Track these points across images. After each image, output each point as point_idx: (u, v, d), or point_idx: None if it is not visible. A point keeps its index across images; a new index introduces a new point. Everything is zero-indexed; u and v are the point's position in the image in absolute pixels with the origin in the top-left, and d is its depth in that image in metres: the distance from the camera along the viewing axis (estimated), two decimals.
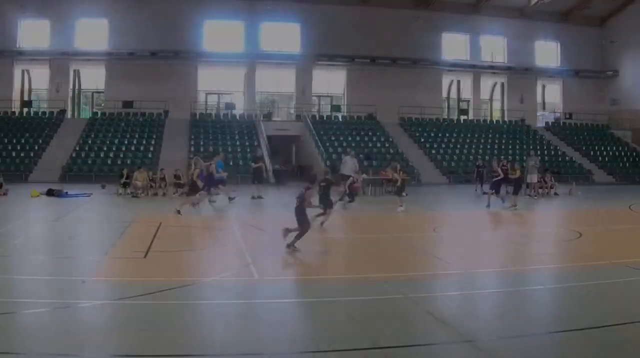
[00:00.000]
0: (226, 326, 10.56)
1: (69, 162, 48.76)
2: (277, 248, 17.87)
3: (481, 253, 18.92)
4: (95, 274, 14.29)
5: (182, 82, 61.30)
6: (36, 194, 34.09)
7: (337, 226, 24.70)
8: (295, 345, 9.61)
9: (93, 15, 61.24)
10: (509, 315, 11.48)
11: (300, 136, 58.32)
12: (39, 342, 9.55)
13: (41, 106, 63.20)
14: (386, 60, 64.18)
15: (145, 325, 10.37)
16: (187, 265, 16.03)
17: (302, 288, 13.70)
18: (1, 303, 11.37)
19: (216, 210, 29.14)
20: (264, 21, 63.54)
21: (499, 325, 10.68)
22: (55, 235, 21.33)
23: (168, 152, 51.07)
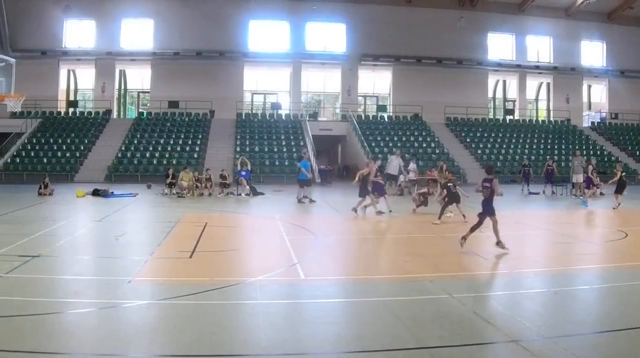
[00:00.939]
0: (271, 326, 10.53)
1: (114, 162, 49.27)
2: (322, 247, 17.90)
3: (526, 253, 18.77)
4: (141, 274, 14.44)
5: (227, 82, 61.69)
6: (82, 194, 34.50)
7: (382, 226, 24.90)
8: (340, 345, 9.60)
9: (138, 15, 61.91)
10: (554, 315, 11.44)
11: (345, 136, 58.29)
12: (84, 342, 9.64)
13: (87, 106, 64.12)
14: (431, 60, 64.03)
15: (190, 325, 10.42)
16: (232, 265, 16.09)
17: (347, 288, 13.63)
18: (47, 304, 11.56)
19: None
20: (309, 21, 63.71)
21: (544, 325, 10.57)
22: (101, 235, 21.50)
23: (214, 152, 51.39)
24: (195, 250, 17.45)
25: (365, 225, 24.93)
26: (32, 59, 59.30)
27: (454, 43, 64.02)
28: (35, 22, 60.67)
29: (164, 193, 36.10)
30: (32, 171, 47.69)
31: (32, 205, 29.98)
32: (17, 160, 50.08)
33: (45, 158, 50.42)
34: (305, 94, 67.70)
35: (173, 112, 60.77)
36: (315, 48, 64.70)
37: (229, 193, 36.05)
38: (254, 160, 46.23)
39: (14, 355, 8.87)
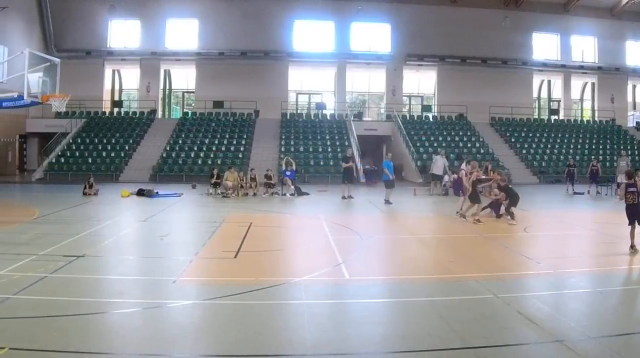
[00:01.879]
0: (316, 326, 10.57)
1: (159, 162, 49.57)
2: (367, 248, 17.95)
3: (571, 253, 18.66)
4: (185, 274, 14.52)
5: (272, 82, 61.82)
6: (127, 194, 34.82)
7: (427, 226, 24.92)
8: (384, 345, 9.64)
9: (183, 15, 62.26)
10: (599, 314, 11.40)
11: (390, 136, 58.09)
12: (128, 342, 9.73)
13: (131, 106, 64.65)
14: (476, 60, 63.65)
15: (234, 325, 10.48)
16: (277, 265, 16.12)
17: (392, 288, 13.64)
18: (91, 303, 11.67)
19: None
20: (354, 21, 63.56)
21: (589, 325, 10.52)
22: (146, 235, 21.68)
23: (258, 152, 51.50)
24: (240, 250, 17.54)
25: (410, 226, 24.88)
26: (77, 59, 59.64)
27: (498, 43, 63.59)
28: (80, 23, 61.31)
29: (208, 194, 36.23)
30: (77, 171, 48.24)
31: (77, 205, 30.26)
32: (61, 160, 50.67)
33: (90, 158, 50.92)
34: (350, 94, 67.49)
35: (218, 112, 60.97)
36: (360, 48, 64.48)
37: (274, 193, 36.09)
38: (298, 160, 46.19)
39: (59, 355, 8.96)
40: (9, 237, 19.49)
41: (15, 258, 15.44)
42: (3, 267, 14.32)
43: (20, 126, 56.02)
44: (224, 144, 53.67)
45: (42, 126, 57.03)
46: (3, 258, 15.44)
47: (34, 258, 15.58)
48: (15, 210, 28.37)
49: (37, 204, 29.47)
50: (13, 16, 52.53)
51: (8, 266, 14.50)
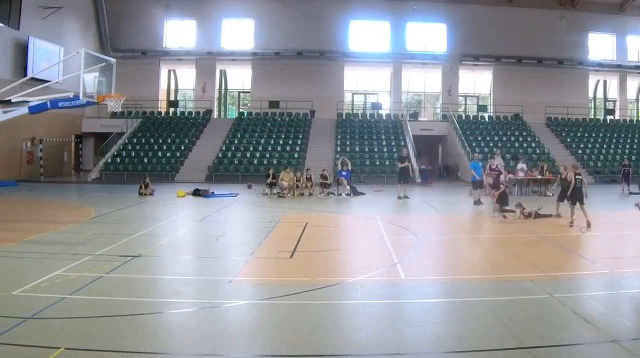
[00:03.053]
0: (371, 326, 10.58)
1: (215, 162, 49.86)
2: (423, 248, 17.96)
3: (627, 253, 18.39)
4: (241, 274, 14.59)
5: (328, 82, 61.84)
6: (182, 194, 35.06)
7: (483, 226, 24.85)
8: (440, 345, 9.65)
9: (238, 15, 62.54)
10: None
11: (446, 136, 57.84)
12: (184, 343, 9.79)
13: (187, 106, 65.18)
14: (532, 60, 63.01)
15: (290, 325, 10.52)
16: (332, 265, 16.14)
17: (447, 288, 13.65)
18: (148, 303, 11.79)
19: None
20: (410, 21, 63.30)
21: None
22: (201, 235, 21.83)
23: (314, 152, 51.54)
24: (295, 250, 17.59)
25: (465, 226, 24.87)
26: (132, 59, 60.51)
27: (554, 43, 62.87)
28: (136, 22, 62.00)
29: (264, 193, 36.34)
30: (133, 171, 48.66)
31: (133, 205, 30.62)
32: (117, 160, 51.20)
33: (145, 158, 51.45)
34: (405, 94, 67.30)
35: (274, 112, 61.10)
36: (415, 48, 64.22)
37: (330, 193, 36.06)
38: (354, 160, 46.19)
39: (115, 354, 9.06)
40: (65, 237, 19.77)
41: (71, 259, 15.65)
42: (59, 267, 14.52)
43: (76, 126, 56.76)
44: (279, 144, 53.81)
45: (97, 126, 57.71)
46: (59, 258, 15.67)
47: (90, 258, 15.78)
48: (72, 210, 28.75)
49: (93, 204, 29.81)
50: (69, 16, 53.24)
51: (64, 266, 14.70)
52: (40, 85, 24.25)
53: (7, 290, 12.28)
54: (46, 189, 39.52)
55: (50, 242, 18.53)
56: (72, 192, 40.28)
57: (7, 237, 19.15)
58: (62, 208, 29.47)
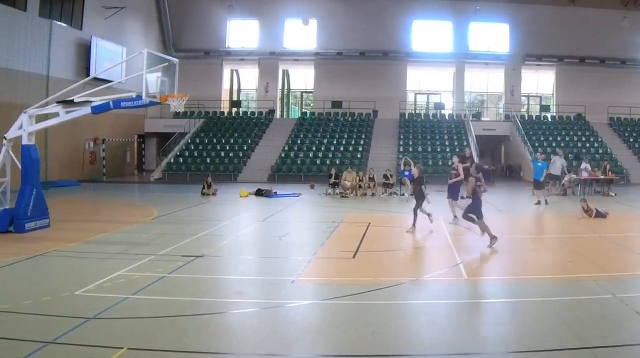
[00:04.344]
0: (434, 326, 10.62)
1: (277, 162, 50.01)
2: (485, 248, 17.95)
3: None
4: (304, 274, 14.62)
5: (390, 82, 61.66)
6: (245, 194, 35.20)
7: (545, 226, 24.91)
8: (502, 345, 9.64)
9: (301, 16, 62.48)
10: None
11: (508, 136, 57.35)
12: (247, 343, 9.84)
13: (250, 106, 65.54)
14: (595, 60, 62.06)
15: (353, 325, 10.53)
16: (395, 265, 16.20)
17: (510, 288, 13.60)
18: (211, 303, 11.88)
19: None
20: (473, 21, 62.90)
21: None
22: (264, 235, 21.93)
23: (377, 152, 51.44)
24: (358, 250, 17.60)
25: (528, 225, 24.82)
26: (195, 59, 61.03)
27: (617, 43, 61.65)
28: (199, 23, 62.45)
29: (327, 194, 36.36)
30: (195, 171, 49.04)
31: (196, 205, 30.89)
32: (180, 160, 51.60)
33: (208, 158, 51.76)
34: (468, 94, 67.08)
35: (336, 112, 61.16)
36: (478, 48, 63.89)
37: (392, 194, 35.96)
38: (417, 160, 46.01)
39: (178, 355, 9.13)
40: (128, 237, 20.04)
41: (134, 259, 15.83)
42: (122, 267, 14.69)
43: (139, 126, 57.35)
44: (342, 144, 53.79)
45: (160, 126, 58.31)
46: (122, 259, 15.86)
47: (153, 259, 15.95)
48: (134, 210, 29.09)
49: (155, 204, 30.15)
50: (131, 16, 53.86)
51: (127, 266, 14.87)
52: (102, 85, 24.47)
53: (70, 290, 12.45)
54: (108, 189, 40.07)
55: (112, 242, 18.77)
56: (134, 192, 40.75)
57: (70, 237, 19.46)
58: (124, 208, 29.86)
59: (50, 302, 11.65)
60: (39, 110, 21.93)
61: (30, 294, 12.20)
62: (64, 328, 9.98)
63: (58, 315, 10.77)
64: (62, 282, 13.33)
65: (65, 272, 14.73)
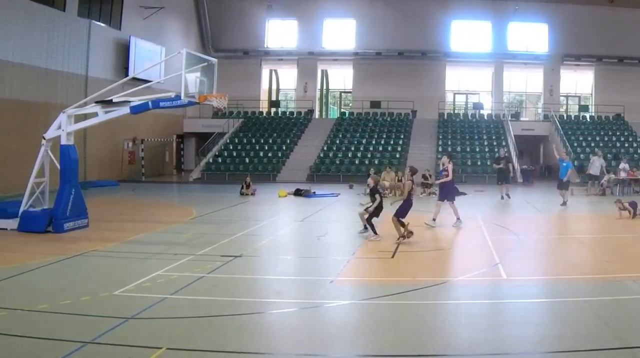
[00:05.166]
0: (473, 326, 10.62)
1: (316, 162, 50.08)
2: (524, 248, 18.01)
3: None
4: (343, 274, 14.62)
5: (429, 82, 61.51)
6: (284, 194, 35.30)
7: (584, 226, 24.61)
8: (542, 345, 9.60)
9: (340, 15, 62.72)
10: None
11: (547, 136, 56.96)
12: (285, 343, 9.87)
13: (289, 106, 65.71)
14: (634, 60, 61.37)
15: (392, 325, 10.54)
16: (434, 265, 16.25)
17: (549, 288, 13.60)
18: (249, 303, 11.91)
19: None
20: (511, 21, 62.61)
21: None
22: (303, 235, 21.99)
23: (416, 152, 51.33)
24: (397, 250, 17.58)
25: (567, 226, 24.78)
26: (234, 59, 61.27)
27: None
28: (238, 22, 62.69)
29: (365, 193, 36.25)
30: (234, 171, 49.21)
31: (235, 205, 31.01)
32: (219, 160, 51.89)
33: (247, 158, 51.92)
34: (507, 94, 66.81)
35: (375, 112, 61.21)
36: (517, 48, 63.57)
37: (431, 193, 35.74)
38: (456, 160, 45.83)
39: (216, 355, 9.16)
40: (167, 237, 20.15)
41: (173, 259, 15.92)
42: (161, 267, 14.78)
43: (178, 126, 57.76)
44: (381, 144, 53.74)
45: (199, 126, 58.69)
46: (161, 259, 15.95)
47: (192, 258, 16.03)
48: (173, 210, 29.26)
49: (194, 204, 30.31)
50: (170, 16, 54.19)
51: (166, 266, 14.95)
52: (141, 85, 24.66)
53: (109, 290, 12.54)
54: (147, 189, 40.30)
55: (151, 242, 18.91)
56: (173, 192, 40.99)
57: (109, 237, 19.63)
58: (163, 208, 30.04)
59: (89, 302, 11.74)
60: (78, 110, 22.11)
61: (69, 294, 12.30)
62: (102, 328, 10.05)
63: (97, 315, 10.84)
64: (101, 282, 13.43)
65: (104, 272, 14.85)
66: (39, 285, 13.47)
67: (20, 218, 20.87)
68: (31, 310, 11.15)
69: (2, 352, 9.23)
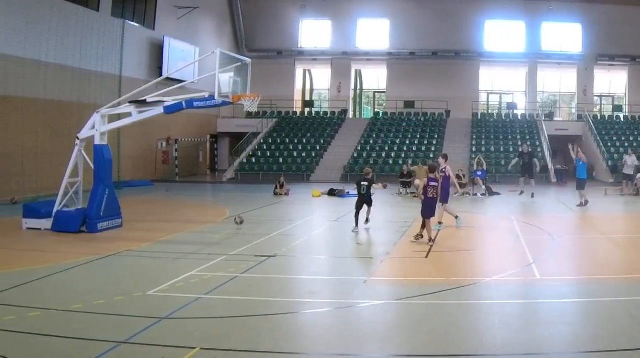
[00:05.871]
0: (507, 326, 10.59)
1: (350, 162, 50.02)
2: (558, 247, 17.95)
3: None
4: (377, 274, 14.64)
5: (463, 82, 61.33)
6: (318, 194, 35.29)
7: (618, 226, 24.51)
8: (575, 346, 9.57)
9: (373, 15, 62.67)
10: None
11: (581, 136, 56.57)
12: (319, 342, 9.87)
13: (322, 106, 65.67)
14: None
15: (425, 325, 10.54)
16: (467, 265, 16.24)
17: (583, 288, 13.50)
18: (283, 303, 11.93)
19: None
20: (545, 21, 62.31)
21: None
22: (337, 235, 21.95)
23: (449, 152, 50.61)
24: (431, 250, 17.54)
25: (600, 226, 24.42)
26: (268, 59, 61.36)
27: None
28: (271, 23, 62.76)
29: (399, 193, 36.25)
30: (268, 171, 49.33)
31: (268, 205, 31.03)
32: (253, 160, 51.91)
33: (281, 158, 51.99)
34: (540, 94, 66.52)
35: (409, 111, 61.04)
36: (551, 48, 63.29)
37: (465, 193, 35.67)
38: (489, 160, 45.60)
39: (251, 355, 9.17)
40: (200, 237, 20.22)
41: (206, 259, 15.97)
42: (194, 267, 14.82)
43: (212, 126, 57.92)
44: (414, 144, 53.63)
45: (233, 126, 58.84)
46: (195, 259, 16.01)
47: (225, 259, 16.07)
48: (207, 210, 29.37)
49: (228, 204, 30.34)
50: (204, 16, 54.38)
51: (199, 266, 15.00)
52: (175, 85, 24.74)
53: (143, 290, 12.61)
54: (181, 189, 40.49)
55: (185, 242, 18.98)
56: (207, 192, 41.12)
57: (142, 237, 19.74)
58: (197, 208, 30.14)
59: (123, 302, 11.81)
60: (112, 110, 22.23)
61: (103, 294, 12.38)
62: (136, 328, 10.10)
63: (130, 315, 10.91)
64: (135, 282, 13.52)
65: (138, 272, 14.95)
66: (72, 285, 13.59)
67: (54, 218, 21.04)
68: (65, 310, 11.23)
69: (36, 351, 9.29)
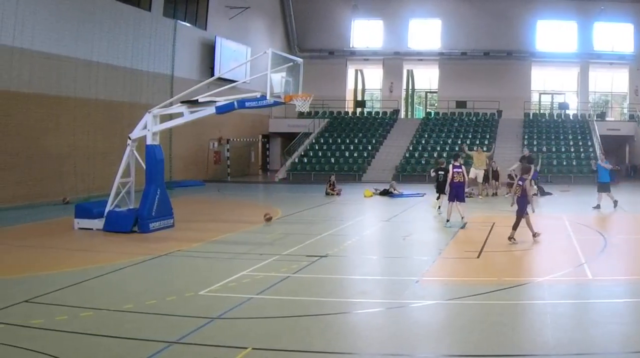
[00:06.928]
0: (559, 326, 10.48)
1: (402, 162, 49.92)
2: (610, 247, 17.79)
3: None
4: (428, 274, 14.59)
5: (515, 82, 60.91)
6: (369, 194, 35.22)
7: None
8: (627, 345, 9.46)
9: (425, 16, 62.52)
10: None
11: (633, 136, 55.91)
12: (371, 343, 9.86)
13: (374, 106, 65.59)
14: None
15: (477, 325, 10.51)
16: (519, 265, 16.29)
17: (635, 288, 13.34)
18: (335, 303, 11.94)
19: None
20: (597, 21, 61.64)
21: None
22: (388, 235, 21.96)
23: (501, 151, 50.73)
24: (482, 250, 17.51)
25: None
26: (319, 59, 61.53)
27: None
28: (323, 22, 62.99)
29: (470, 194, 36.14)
30: (320, 171, 49.33)
31: (320, 205, 31.10)
32: (304, 159, 52.09)
33: (332, 158, 52.04)
34: (592, 94, 65.86)
35: (460, 112, 60.93)
36: (602, 48, 62.45)
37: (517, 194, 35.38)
38: (542, 160, 45.29)
39: (302, 355, 9.19)
40: (252, 237, 20.31)
41: (258, 259, 16.03)
42: (246, 267, 14.88)
43: (264, 126, 58.21)
44: (467, 143, 53.10)
45: (284, 126, 58.95)
46: (247, 259, 16.08)
47: (277, 258, 16.11)
48: (259, 210, 29.35)
49: (280, 204, 30.47)
50: (255, 16, 54.62)
51: (251, 266, 15.06)
52: (227, 85, 24.86)
53: (195, 290, 12.69)
54: (233, 189, 40.70)
55: (237, 242, 19.10)
56: (259, 192, 41.35)
57: (194, 237, 19.88)
58: (249, 208, 30.23)
59: (175, 302, 11.90)
60: (163, 110, 22.40)
61: (155, 294, 12.51)
62: (188, 328, 10.17)
63: (182, 315, 10.99)
64: (187, 282, 13.61)
65: (190, 272, 15.06)
66: (124, 285, 13.74)
67: (106, 218, 21.25)
68: (117, 310, 11.35)
69: (87, 351, 9.42)
